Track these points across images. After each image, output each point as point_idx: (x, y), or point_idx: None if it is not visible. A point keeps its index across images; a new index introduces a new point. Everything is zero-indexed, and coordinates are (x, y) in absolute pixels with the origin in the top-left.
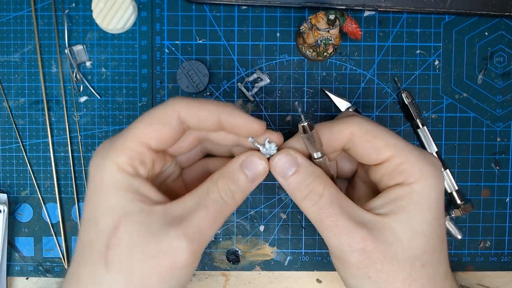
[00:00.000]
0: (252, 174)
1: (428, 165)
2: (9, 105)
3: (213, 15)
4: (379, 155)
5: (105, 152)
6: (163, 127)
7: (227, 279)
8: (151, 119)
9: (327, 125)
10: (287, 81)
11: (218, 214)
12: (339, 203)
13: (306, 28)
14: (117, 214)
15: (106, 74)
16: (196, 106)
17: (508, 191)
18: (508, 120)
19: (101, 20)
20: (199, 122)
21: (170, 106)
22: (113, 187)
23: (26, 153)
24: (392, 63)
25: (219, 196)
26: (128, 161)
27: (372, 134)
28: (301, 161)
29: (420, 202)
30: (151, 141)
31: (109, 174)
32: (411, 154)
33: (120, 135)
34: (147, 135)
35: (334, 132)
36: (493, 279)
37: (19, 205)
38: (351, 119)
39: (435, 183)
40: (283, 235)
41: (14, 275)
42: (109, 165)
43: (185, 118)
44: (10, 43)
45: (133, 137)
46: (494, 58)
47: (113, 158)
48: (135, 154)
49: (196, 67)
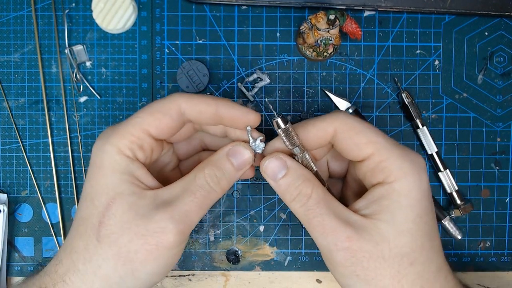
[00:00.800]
0: (237, 163)
1: (409, 163)
2: (9, 105)
3: (213, 15)
4: (361, 152)
5: (107, 136)
6: (163, 117)
7: (227, 279)
8: (153, 109)
9: (310, 122)
10: (287, 81)
11: (204, 199)
12: (325, 203)
13: (306, 28)
14: (111, 193)
15: (106, 74)
16: (196, 99)
17: (508, 191)
18: (508, 120)
19: (101, 20)
20: (198, 114)
21: (171, 99)
22: (111, 168)
23: (26, 153)
24: (392, 63)
25: (205, 181)
26: (128, 144)
27: (354, 131)
28: (290, 164)
29: (401, 200)
30: (151, 129)
31: (108, 156)
32: (392, 152)
33: (122, 122)
34: (148, 123)
35: (317, 128)
36: (493, 279)
37: (19, 205)
38: (335, 115)
39: (415, 181)
40: (283, 235)
41: (14, 275)
42: (109, 148)
43: (185, 110)
44: (10, 43)
45: (135, 124)
46: (494, 58)
47: (114, 142)
48: (135, 139)
49: (196, 67)
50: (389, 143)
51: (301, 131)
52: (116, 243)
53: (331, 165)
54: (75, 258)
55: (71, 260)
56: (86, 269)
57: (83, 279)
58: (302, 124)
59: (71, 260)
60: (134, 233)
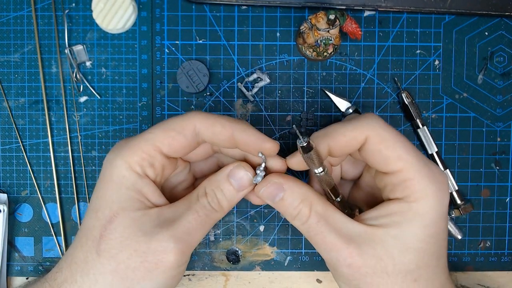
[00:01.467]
0: (237, 185)
1: (434, 184)
2: (9, 105)
3: (213, 15)
4: (388, 166)
5: (119, 149)
6: (177, 135)
7: (227, 279)
8: (167, 126)
9: (340, 129)
10: (287, 81)
11: (206, 218)
12: (326, 221)
13: (306, 28)
14: (115, 208)
15: (106, 74)
16: (211, 120)
17: (508, 191)
18: (508, 120)
19: (101, 20)
20: (213, 135)
21: (186, 117)
22: (118, 183)
23: (26, 153)
24: (392, 63)
25: (206, 201)
26: (138, 161)
27: (386, 144)
28: (286, 186)
29: (415, 220)
30: (164, 147)
31: (117, 170)
32: (419, 172)
33: (135, 136)
34: (161, 140)
35: (348, 138)
36: (493, 279)
37: (19, 205)
38: (366, 123)
39: (435, 203)
40: (283, 235)
41: (14, 275)
42: (119, 162)
43: (200, 130)
44: (10, 43)
45: (147, 140)
46: (494, 58)
47: (125, 157)
48: (146, 156)
49: (196, 67)
50: (418, 161)
51: (330, 140)
52: (115, 259)
53: (345, 168)
54: (74, 269)
55: (70, 270)
56: (83, 282)
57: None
58: (330, 132)
59: (70, 270)
60: (134, 249)
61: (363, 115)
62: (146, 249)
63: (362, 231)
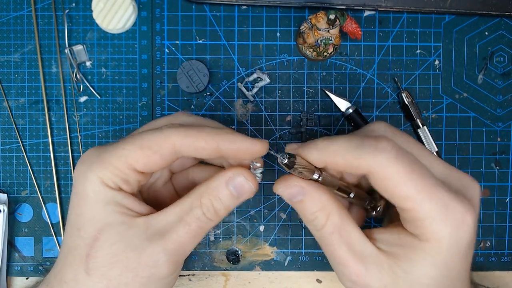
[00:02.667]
0: (238, 193)
1: (449, 226)
2: (9, 105)
3: (213, 15)
4: (396, 203)
5: (90, 162)
6: (153, 154)
7: (227, 279)
8: (143, 143)
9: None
10: (287, 81)
11: (200, 229)
12: (339, 234)
13: (306, 28)
14: (98, 225)
15: (106, 74)
16: (193, 136)
17: (508, 191)
18: (508, 120)
19: (101, 20)
20: (196, 152)
21: (164, 135)
22: (95, 199)
23: (26, 153)
24: (392, 63)
25: (201, 213)
26: (111, 177)
27: (392, 182)
28: (307, 190)
29: (426, 259)
30: (138, 165)
31: (91, 185)
32: (431, 213)
33: (108, 148)
34: (135, 159)
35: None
36: (493, 279)
37: (19, 205)
38: (373, 155)
39: (451, 245)
40: (283, 235)
41: (14, 275)
42: (91, 177)
43: (181, 148)
44: (10, 43)
45: (120, 157)
46: (494, 58)
47: (96, 171)
48: (119, 173)
49: (196, 67)
50: (431, 200)
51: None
52: (106, 276)
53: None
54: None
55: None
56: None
57: None
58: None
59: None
60: (125, 266)
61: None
62: (137, 264)
63: (373, 253)
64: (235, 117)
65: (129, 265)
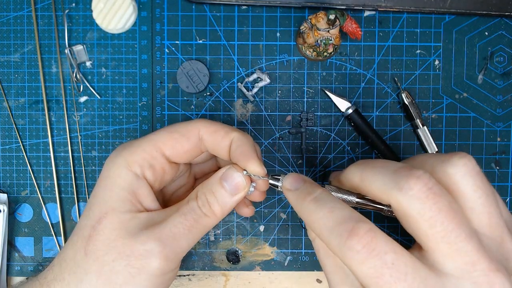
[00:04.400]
0: (231, 187)
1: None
2: (9, 105)
3: (213, 15)
4: (417, 240)
5: (121, 148)
6: (180, 138)
7: (227, 279)
8: (172, 130)
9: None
10: (287, 81)
11: (195, 223)
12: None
13: (306, 28)
14: (104, 207)
15: (106, 74)
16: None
17: (508, 191)
18: (508, 120)
19: (101, 20)
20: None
21: (192, 122)
22: (113, 182)
23: (26, 153)
24: (392, 63)
25: (196, 205)
26: (138, 160)
27: (414, 224)
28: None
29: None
30: (166, 149)
31: (115, 168)
32: (455, 269)
33: (140, 138)
34: (164, 142)
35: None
36: None
37: (19, 205)
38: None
39: None
40: (283, 235)
41: (14, 275)
42: (119, 160)
43: (203, 136)
44: (10, 43)
45: (150, 141)
46: (494, 58)
47: (125, 156)
48: (147, 156)
49: (196, 67)
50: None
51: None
52: (100, 260)
53: None
54: (63, 267)
55: (59, 268)
56: (71, 280)
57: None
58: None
59: (59, 268)
60: (119, 252)
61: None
62: (130, 252)
63: None
64: (235, 117)
65: (123, 252)
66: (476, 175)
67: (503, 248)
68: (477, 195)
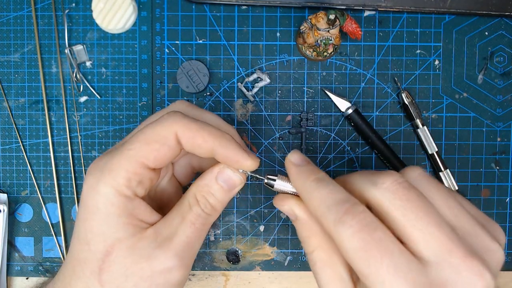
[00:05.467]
0: (228, 186)
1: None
2: (9, 105)
3: (213, 15)
4: None
5: (99, 171)
6: (161, 147)
7: (227, 279)
8: (148, 138)
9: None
10: (287, 81)
11: (203, 226)
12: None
13: (306, 28)
14: (109, 240)
15: (106, 74)
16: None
17: (508, 191)
18: (508, 120)
19: (101, 20)
20: (193, 148)
21: (168, 125)
22: (106, 213)
23: (26, 153)
24: (392, 63)
25: (200, 210)
26: (126, 183)
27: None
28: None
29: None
30: (149, 162)
31: (103, 198)
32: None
33: (114, 153)
34: (145, 155)
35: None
36: None
37: (19, 205)
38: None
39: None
40: (283, 235)
41: (14, 275)
42: (104, 189)
43: (181, 140)
44: (10, 43)
45: (130, 158)
46: (494, 58)
47: (109, 181)
48: (133, 175)
49: (196, 67)
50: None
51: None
52: (122, 287)
53: None
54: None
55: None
56: None
57: None
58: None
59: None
60: (139, 276)
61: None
62: (151, 273)
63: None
64: (235, 117)
65: (143, 275)
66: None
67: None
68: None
